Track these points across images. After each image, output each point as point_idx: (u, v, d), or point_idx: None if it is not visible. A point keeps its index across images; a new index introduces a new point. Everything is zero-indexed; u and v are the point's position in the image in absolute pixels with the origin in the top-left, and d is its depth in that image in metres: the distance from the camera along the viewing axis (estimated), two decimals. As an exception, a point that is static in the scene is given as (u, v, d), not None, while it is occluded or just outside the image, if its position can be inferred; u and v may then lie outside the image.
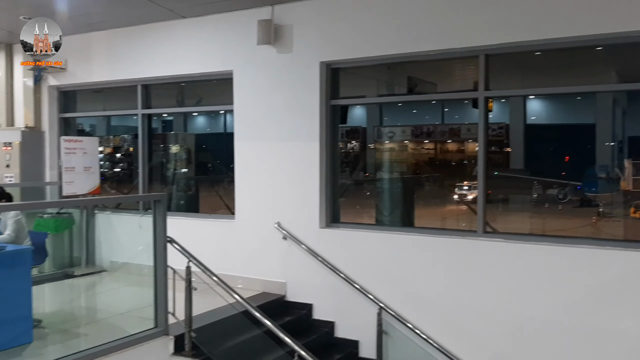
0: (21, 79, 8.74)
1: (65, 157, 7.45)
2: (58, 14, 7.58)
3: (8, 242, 5.19)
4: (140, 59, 7.74)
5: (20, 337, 4.65)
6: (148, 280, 5.13)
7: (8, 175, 8.31)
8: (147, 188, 8.18)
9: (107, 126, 9.36)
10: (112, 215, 8.21)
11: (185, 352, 4.95)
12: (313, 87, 6.45)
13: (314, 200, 6.48)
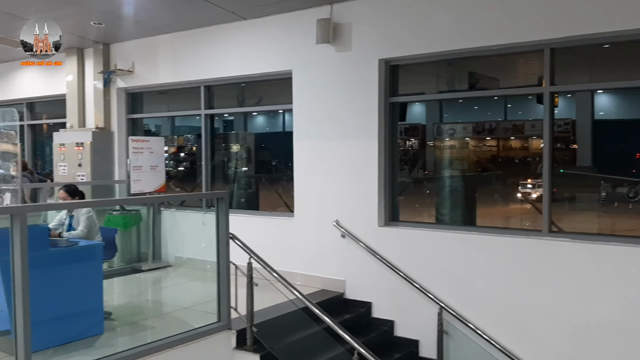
0: (92, 82, 9.14)
1: (133, 157, 7.75)
2: (125, 19, 7.92)
3: (81, 238, 5.44)
4: (203, 61, 7.94)
5: (93, 328, 4.87)
6: (211, 276, 5.27)
7: (80, 174, 8.72)
8: (210, 186, 8.39)
9: (171, 126, 9.66)
10: (177, 212, 8.48)
11: (247, 346, 5.05)
12: (372, 85, 6.43)
13: (372, 199, 6.47)
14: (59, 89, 9.61)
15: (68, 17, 7.92)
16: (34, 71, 10.24)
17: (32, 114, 10.84)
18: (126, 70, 8.72)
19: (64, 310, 4.59)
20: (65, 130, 9.33)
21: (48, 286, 4.35)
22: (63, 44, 9.00)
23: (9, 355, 4.13)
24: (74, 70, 9.26)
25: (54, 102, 10.08)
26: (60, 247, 4.94)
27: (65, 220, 5.74)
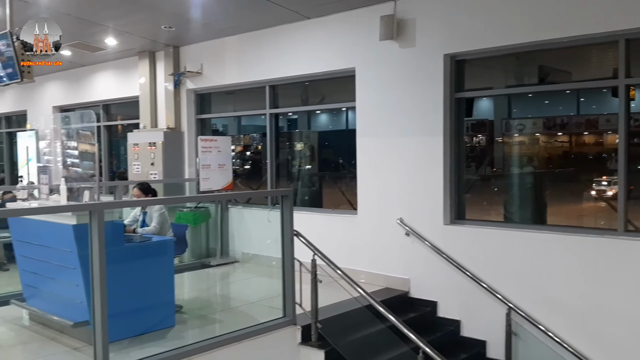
0: (163, 84, 9.49)
1: (202, 156, 8.00)
2: (194, 22, 8.17)
3: (154, 234, 5.66)
4: (268, 61, 8.08)
5: (165, 320, 5.06)
6: (276, 272, 5.37)
7: (152, 173, 9.08)
8: (275, 184, 8.53)
9: (238, 126, 9.88)
10: (243, 209, 8.68)
11: (311, 342, 5.11)
12: (437, 81, 6.34)
13: (437, 196, 6.38)
14: (133, 91, 10.04)
15: (141, 22, 8.26)
16: (109, 74, 10.76)
17: (107, 115, 11.36)
18: (195, 72, 9.00)
19: (138, 303, 4.80)
20: (138, 130, 9.73)
21: (123, 280, 4.56)
22: (136, 47, 9.50)
23: (87, 345, 4.37)
24: (146, 72, 9.64)
25: (128, 103, 10.53)
26: (135, 242, 5.16)
27: (139, 216, 5.99)
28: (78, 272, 4.43)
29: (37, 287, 5.27)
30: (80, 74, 11.29)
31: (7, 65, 5.96)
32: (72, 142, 5.53)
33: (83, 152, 5.44)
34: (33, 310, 5.24)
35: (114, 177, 11.45)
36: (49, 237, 4.85)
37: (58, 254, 4.73)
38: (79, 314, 4.51)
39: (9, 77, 6.00)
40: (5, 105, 13.79)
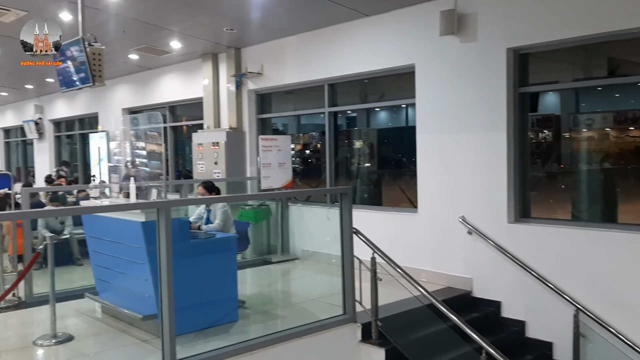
0: (225, 85, 9.72)
1: (263, 154, 8.14)
2: (254, 24, 8.32)
3: (217, 231, 5.81)
4: (327, 60, 8.12)
5: (228, 315, 5.20)
6: (336, 269, 5.39)
7: (216, 171, 9.32)
8: (334, 182, 8.57)
9: (297, 125, 9.98)
10: (303, 207, 8.77)
11: (372, 340, 5.11)
12: (499, 75, 6.18)
13: (501, 194, 6.22)
14: (197, 93, 10.33)
15: (204, 25, 8.50)
16: (174, 77, 11.12)
17: (173, 116, 11.74)
18: (256, 73, 9.16)
19: (202, 298, 4.94)
20: (202, 131, 10.01)
21: (189, 275, 4.71)
22: (199, 50, 9.77)
23: (156, 338, 4.55)
24: (210, 74, 9.90)
25: (193, 105, 10.85)
26: (200, 239, 5.31)
27: (203, 214, 6.16)
28: (146, 267, 4.61)
29: (108, 282, 5.52)
30: (147, 77, 11.72)
31: (79, 70, 6.28)
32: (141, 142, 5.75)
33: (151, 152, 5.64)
34: (105, 304, 5.50)
35: (180, 176, 11.82)
36: (120, 234, 5.07)
37: (128, 250, 4.94)
38: (148, 307, 4.69)
39: (82, 81, 6.32)
40: (78, 108, 14.52)
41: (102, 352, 4.82)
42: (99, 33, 6.61)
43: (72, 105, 14.79)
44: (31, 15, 8.16)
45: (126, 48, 9.88)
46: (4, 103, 18.12)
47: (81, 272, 7.51)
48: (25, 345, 4.94)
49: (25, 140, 17.82)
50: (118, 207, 4.97)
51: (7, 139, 19.31)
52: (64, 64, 6.47)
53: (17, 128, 18.11)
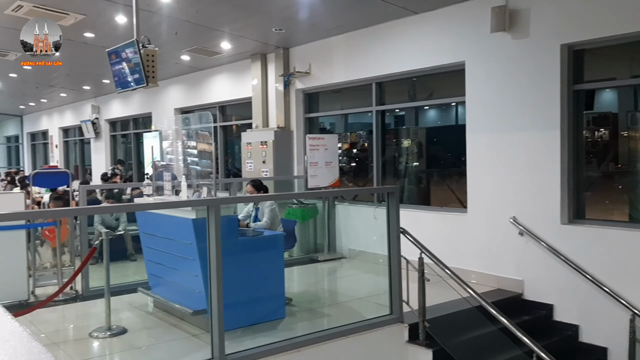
0: (274, 85, 9.83)
1: (310, 153, 8.19)
2: (302, 24, 8.37)
3: (265, 228, 5.88)
4: (375, 58, 8.09)
5: (275, 312, 5.26)
6: (383, 269, 5.37)
7: (264, 170, 9.43)
8: (381, 181, 8.53)
9: (344, 124, 9.98)
10: (350, 206, 8.77)
11: (419, 341, 5.06)
12: (553, 72, 6.01)
13: (554, 194, 6.05)
14: (246, 93, 10.48)
15: (253, 25, 8.61)
16: (224, 77, 11.32)
17: (223, 116, 11.95)
18: (303, 72, 9.22)
19: (250, 294, 5.03)
20: (251, 130, 10.14)
21: (237, 271, 4.80)
22: (249, 50, 9.90)
23: (205, 332, 4.65)
24: (258, 74, 10.03)
25: (242, 104, 11.01)
26: (248, 236, 5.40)
27: (251, 212, 6.25)
28: (197, 263, 4.72)
29: (160, 277, 5.67)
30: (198, 77, 11.97)
31: (134, 71, 6.48)
32: (192, 141, 5.89)
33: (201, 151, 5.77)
34: (157, 298, 5.65)
35: (229, 175, 12.02)
36: (171, 230, 5.21)
37: (179, 246, 5.07)
38: (198, 302, 4.80)
39: (136, 82, 6.51)
40: (133, 108, 14.97)
41: (154, 346, 4.96)
42: (153, 35, 6.79)
43: (126, 106, 15.27)
44: (89, 18, 8.49)
45: (178, 49, 10.12)
46: (63, 104, 18.89)
47: (135, 267, 7.75)
48: (82, 337, 5.14)
49: (82, 139, 18.52)
50: (170, 205, 5.11)
51: (66, 138, 20.11)
52: (119, 65, 6.69)
53: (76, 128, 18.83)
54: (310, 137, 8.36)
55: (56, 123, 20.13)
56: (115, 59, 6.70)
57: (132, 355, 4.76)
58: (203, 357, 4.14)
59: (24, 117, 23.58)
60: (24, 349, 0.78)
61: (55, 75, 14.11)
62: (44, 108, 20.67)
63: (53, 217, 6.63)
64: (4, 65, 12.60)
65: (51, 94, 17.21)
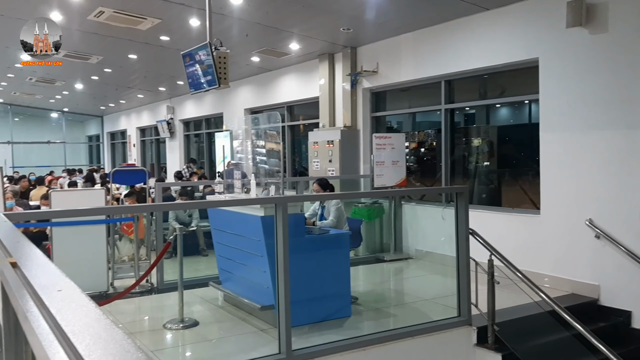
0: (341, 84, 9.87)
1: (376, 152, 8.17)
2: (370, 23, 8.36)
3: (331, 227, 5.92)
4: (444, 56, 7.97)
5: (341, 310, 5.29)
6: (451, 270, 5.29)
7: (330, 169, 9.49)
8: (449, 181, 8.39)
9: (412, 122, 9.89)
10: (417, 206, 8.68)
11: (487, 344, 4.95)
12: (635, 69, 5.70)
13: (635, 196, 5.74)
14: (313, 93, 10.59)
15: (322, 25, 8.69)
16: (292, 78, 11.48)
17: (291, 116, 12.13)
18: (371, 71, 9.21)
19: (317, 292, 5.09)
20: (318, 129, 10.24)
21: (304, 269, 4.86)
22: (317, 50, 10.00)
23: (273, 327, 4.75)
24: (326, 74, 10.10)
25: (309, 104, 11.14)
26: (314, 234, 5.47)
27: (318, 210, 6.31)
28: (265, 260, 4.83)
29: (230, 272, 5.84)
30: (267, 78, 12.21)
31: (207, 73, 6.70)
32: (261, 141, 6.03)
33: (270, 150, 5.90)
34: (227, 293, 5.82)
35: (296, 174, 12.19)
36: (241, 227, 5.35)
37: (248, 242, 5.20)
38: (266, 298, 4.91)
39: (208, 83, 6.74)
40: (205, 109, 15.45)
41: (224, 339, 5.12)
42: (224, 37, 7.00)
43: (199, 106, 15.79)
44: (165, 22, 8.86)
45: (248, 51, 10.36)
46: (140, 104, 19.77)
47: (206, 262, 8.01)
48: (156, 328, 5.38)
49: (158, 138, 19.31)
50: (239, 202, 5.26)
51: (143, 138, 21.03)
52: (192, 67, 6.94)
53: (152, 127, 19.65)
54: (377, 136, 8.34)
55: (134, 123, 21.09)
56: (189, 61, 6.96)
57: (204, 348, 4.93)
58: (271, 352, 4.23)
59: (104, 117, 24.88)
60: (107, 335, 0.84)
61: (134, 78, 14.80)
62: (122, 109, 21.72)
63: (131, 213, 6.97)
64: (86, 68, 13.36)
65: (129, 95, 18.06)
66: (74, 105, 22.68)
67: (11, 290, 1.25)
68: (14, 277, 1.33)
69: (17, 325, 1.59)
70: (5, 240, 1.86)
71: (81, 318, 0.93)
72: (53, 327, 0.91)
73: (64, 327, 0.87)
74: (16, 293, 1.18)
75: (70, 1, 8.18)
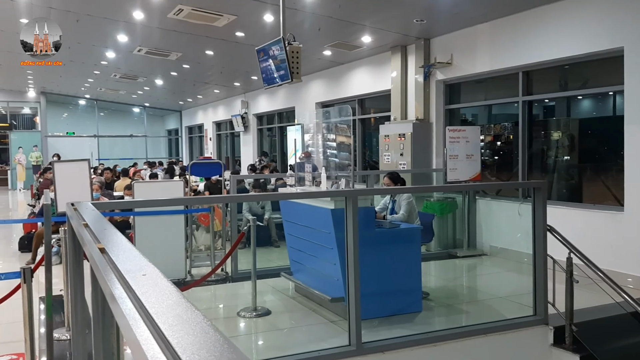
0: (413, 77, 9.75)
1: (450, 146, 8.02)
2: (444, 13, 8.20)
3: (402, 221, 5.88)
4: (522, 46, 7.69)
5: (412, 305, 5.25)
6: (527, 268, 5.13)
7: (401, 163, 9.41)
8: (527, 176, 8.11)
9: (488, 115, 9.61)
10: (491, 201, 8.46)
11: (565, 345, 4.76)
12: None
13: None
14: (385, 85, 10.52)
15: (394, 17, 8.61)
16: (363, 71, 11.45)
17: (362, 109, 12.12)
18: (445, 63, 9.03)
19: (386, 286, 5.08)
20: (389, 123, 10.17)
21: (374, 262, 4.87)
22: (389, 42, 9.93)
23: (343, 320, 4.79)
24: (398, 66, 10.01)
25: (380, 97, 11.08)
26: (384, 228, 5.45)
27: (388, 204, 6.29)
28: (335, 252, 4.87)
29: (301, 263, 5.94)
30: (339, 71, 12.24)
31: (279, 68, 6.81)
32: (331, 134, 6.07)
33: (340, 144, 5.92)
34: (298, 283, 5.92)
35: (367, 167, 12.18)
36: (311, 219, 5.42)
37: (318, 234, 5.26)
38: (336, 290, 4.96)
39: (281, 78, 6.85)
40: (278, 103, 15.72)
41: (295, 329, 5.22)
42: (297, 32, 7.08)
43: (272, 101, 16.07)
44: (240, 19, 9.07)
45: (320, 45, 10.43)
46: (216, 99, 20.37)
47: (278, 253, 8.18)
48: (231, 315, 5.56)
49: (233, 132, 19.84)
50: (310, 194, 5.32)
51: (219, 132, 21.67)
52: (266, 62, 7.08)
53: (227, 122, 20.21)
54: (450, 129, 8.19)
55: (210, 117, 21.78)
56: (263, 56, 7.11)
57: (276, 336, 5.05)
58: (341, 343, 4.27)
59: (183, 112, 25.83)
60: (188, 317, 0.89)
61: (210, 73, 15.28)
62: (199, 104, 22.47)
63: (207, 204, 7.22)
64: (166, 64, 13.92)
65: (206, 90, 18.66)
66: (155, 100, 23.71)
67: (100, 273, 1.34)
68: (103, 261, 1.42)
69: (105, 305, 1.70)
70: (94, 228, 1.99)
71: (164, 301, 0.99)
72: (138, 308, 0.98)
73: (149, 309, 0.93)
74: (105, 276, 1.27)
75: (152, 0, 8.54)
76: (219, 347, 0.75)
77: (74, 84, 20.40)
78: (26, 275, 3.61)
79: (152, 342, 0.81)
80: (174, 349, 0.75)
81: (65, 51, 13.26)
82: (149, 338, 0.83)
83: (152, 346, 0.79)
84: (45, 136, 23.63)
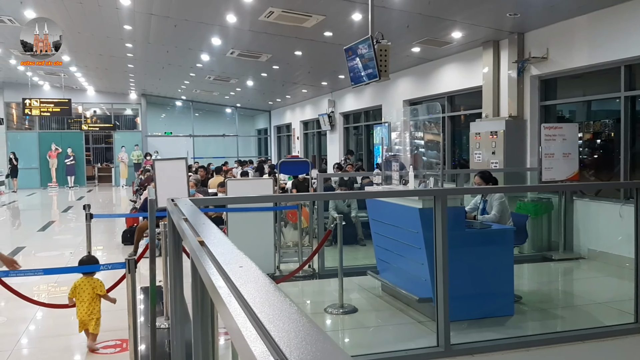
0: (506, 72, 9.41)
1: (545, 144, 7.68)
2: (539, 6, 7.86)
3: (493, 222, 5.70)
4: (624, 39, 7.21)
5: (503, 308, 5.09)
6: (628, 273, 4.83)
7: (493, 161, 9.12)
8: (629, 175, 7.61)
9: (586, 111, 9.10)
10: (590, 202, 8.01)
11: (672, 358, 4.44)
12: None
13: None
14: (476, 82, 10.24)
15: (486, 12, 8.36)
16: (453, 67, 11.21)
17: (451, 106, 11.86)
18: (540, 57, 8.65)
19: (477, 288, 4.96)
20: (480, 120, 9.89)
21: (464, 263, 4.77)
22: (480, 38, 9.65)
23: (430, 320, 4.74)
24: (490, 62, 9.71)
25: (471, 94, 10.79)
26: (475, 228, 5.32)
27: (479, 204, 6.12)
28: (423, 252, 4.82)
29: (388, 262, 5.92)
30: (427, 68, 12.06)
31: (367, 67, 6.83)
32: (419, 132, 6.00)
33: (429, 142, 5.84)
34: (385, 282, 5.91)
35: (456, 166, 11.91)
36: (398, 218, 5.40)
37: (405, 234, 5.23)
38: (424, 290, 4.90)
39: (369, 76, 6.86)
40: (364, 101, 15.73)
41: (382, 327, 5.23)
42: (385, 30, 7.06)
43: (359, 99, 16.11)
44: (328, 18, 9.18)
45: (409, 42, 10.32)
46: (304, 99, 20.71)
47: (364, 252, 8.21)
48: (318, 311, 5.65)
49: (319, 131, 20.08)
50: (397, 193, 5.30)
51: (306, 131, 22.02)
52: (354, 61, 7.12)
53: (314, 121, 20.49)
54: (546, 126, 7.84)
55: (298, 117, 22.17)
56: (351, 55, 7.15)
57: (362, 334, 5.08)
58: (428, 344, 4.23)
59: (272, 112, 26.49)
60: (284, 309, 0.94)
61: (298, 73, 15.56)
62: (288, 103, 22.94)
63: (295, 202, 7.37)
64: (257, 66, 14.34)
65: (294, 90, 19.02)
66: (245, 101, 24.49)
67: (200, 264, 1.43)
68: (202, 254, 1.51)
69: (204, 295, 1.81)
70: (193, 222, 2.11)
71: (261, 292, 1.04)
72: (237, 298, 1.03)
73: (247, 299, 0.98)
74: (205, 267, 1.35)
75: (244, 3, 8.83)
76: (314, 337, 0.78)
77: (171, 86, 21.53)
78: (130, 266, 3.87)
79: (252, 330, 0.85)
80: (271, 336, 0.80)
81: (163, 55, 14.05)
82: (248, 326, 0.88)
83: (251, 333, 0.84)
84: (146, 136, 25.10)
